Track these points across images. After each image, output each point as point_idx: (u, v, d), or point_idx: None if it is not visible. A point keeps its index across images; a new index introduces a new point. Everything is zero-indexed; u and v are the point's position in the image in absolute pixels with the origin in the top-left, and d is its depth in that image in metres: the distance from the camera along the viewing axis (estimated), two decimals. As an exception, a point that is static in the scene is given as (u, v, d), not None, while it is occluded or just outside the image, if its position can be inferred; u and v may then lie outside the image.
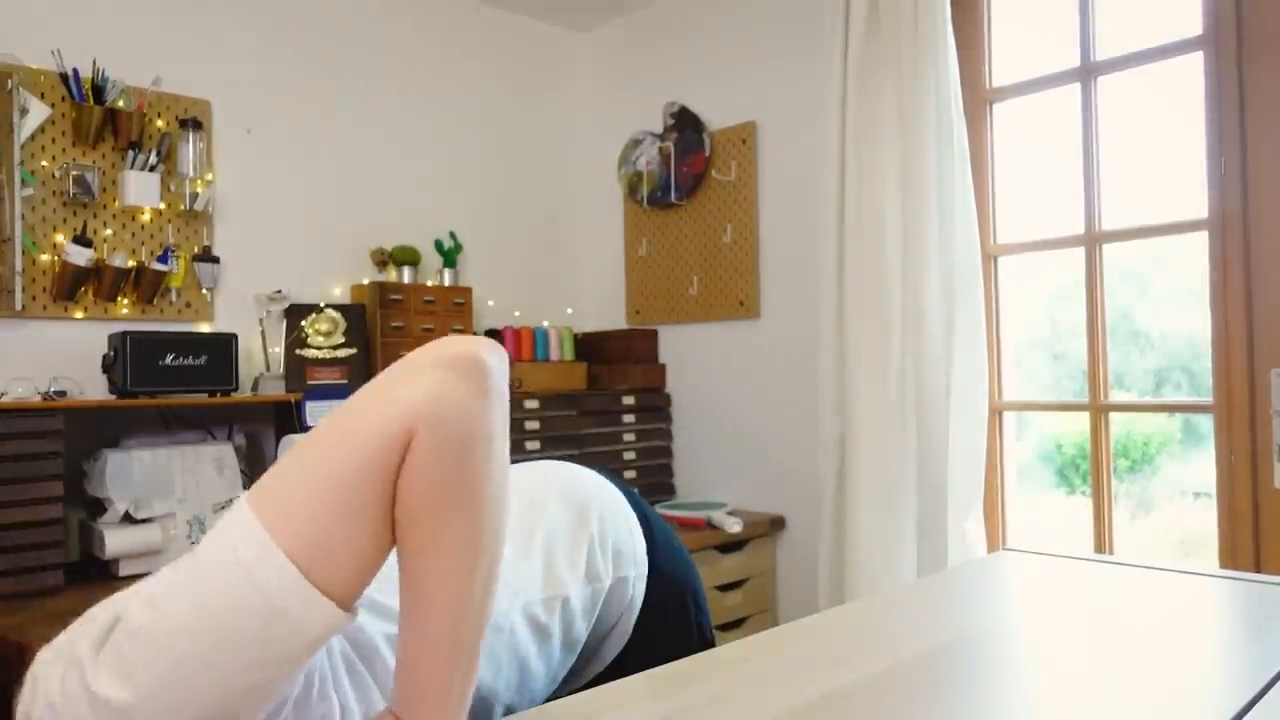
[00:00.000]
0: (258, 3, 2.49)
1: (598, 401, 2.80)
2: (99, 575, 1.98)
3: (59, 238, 2.12)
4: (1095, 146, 2.11)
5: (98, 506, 2.01)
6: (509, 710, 1.02)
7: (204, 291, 2.34)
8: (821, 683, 0.78)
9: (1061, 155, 2.18)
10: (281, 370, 2.39)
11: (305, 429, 1.97)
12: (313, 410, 1.99)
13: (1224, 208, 1.90)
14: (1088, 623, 0.97)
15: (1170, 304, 2.31)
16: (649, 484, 2.89)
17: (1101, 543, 2.09)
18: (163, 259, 2.22)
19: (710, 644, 1.24)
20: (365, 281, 2.58)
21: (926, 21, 2.14)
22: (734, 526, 2.48)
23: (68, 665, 0.72)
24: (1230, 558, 1.89)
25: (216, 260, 2.35)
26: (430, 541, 0.74)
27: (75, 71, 2.12)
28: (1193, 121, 1.95)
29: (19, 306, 2.05)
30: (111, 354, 2.07)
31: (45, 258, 2.11)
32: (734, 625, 2.56)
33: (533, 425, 2.64)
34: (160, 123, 2.28)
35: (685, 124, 2.87)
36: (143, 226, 2.25)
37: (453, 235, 2.78)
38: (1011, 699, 0.77)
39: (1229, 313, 1.90)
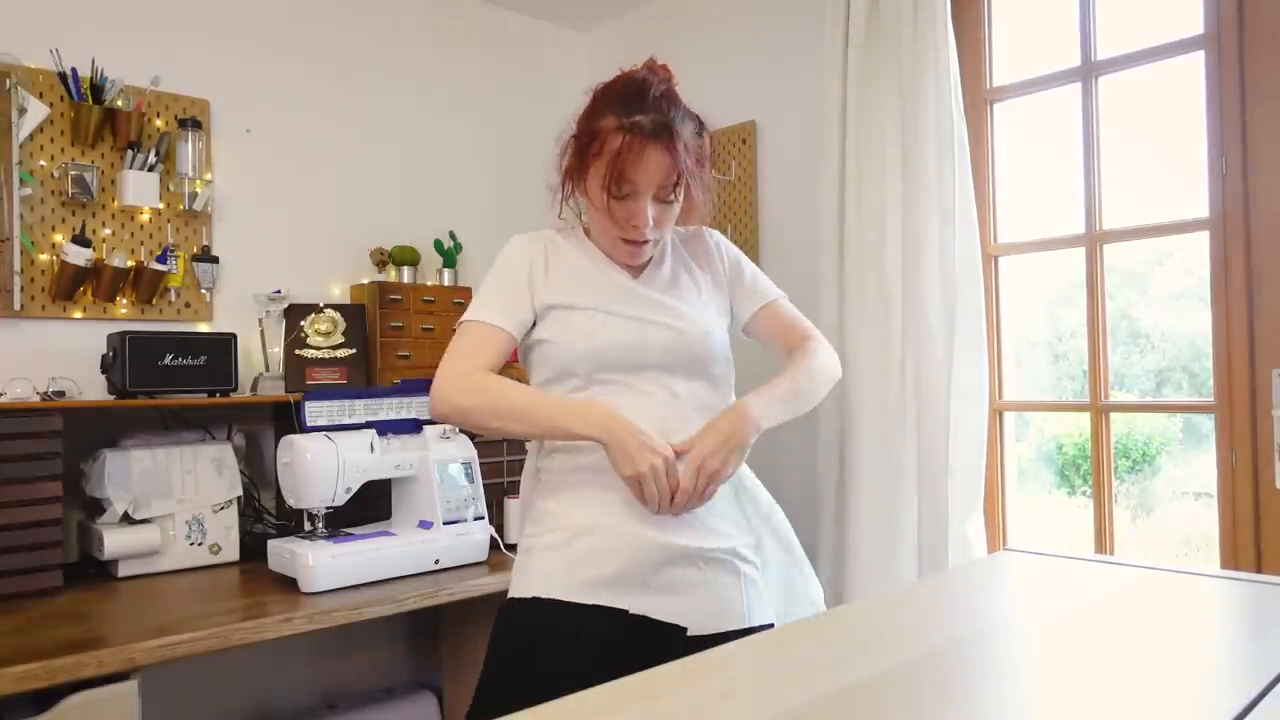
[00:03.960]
0: (257, 3, 2.49)
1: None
2: (98, 576, 1.98)
3: (57, 237, 2.12)
4: (1096, 146, 2.11)
5: (96, 507, 2.00)
6: None
7: (203, 291, 2.34)
8: (821, 683, 0.78)
9: (1062, 155, 2.18)
10: (281, 370, 2.38)
11: (305, 429, 1.96)
12: (312, 410, 1.98)
13: (1225, 207, 1.90)
14: (1088, 623, 0.97)
15: (1171, 304, 2.30)
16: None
17: (1102, 543, 2.09)
18: (162, 259, 2.22)
19: None
20: (365, 281, 2.58)
21: (926, 21, 2.14)
22: (734, 527, 2.47)
23: None
24: (1231, 558, 1.88)
25: (215, 260, 2.35)
26: None
27: (74, 71, 2.12)
28: (1194, 121, 1.95)
29: (17, 306, 2.04)
30: (110, 354, 2.06)
31: (44, 257, 2.10)
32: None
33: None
34: (159, 122, 2.28)
35: (685, 124, 2.86)
36: (141, 226, 2.25)
37: (452, 235, 2.77)
38: (1012, 699, 0.77)
39: (1230, 312, 1.89)
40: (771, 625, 1.40)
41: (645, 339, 1.36)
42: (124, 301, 2.21)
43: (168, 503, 2.02)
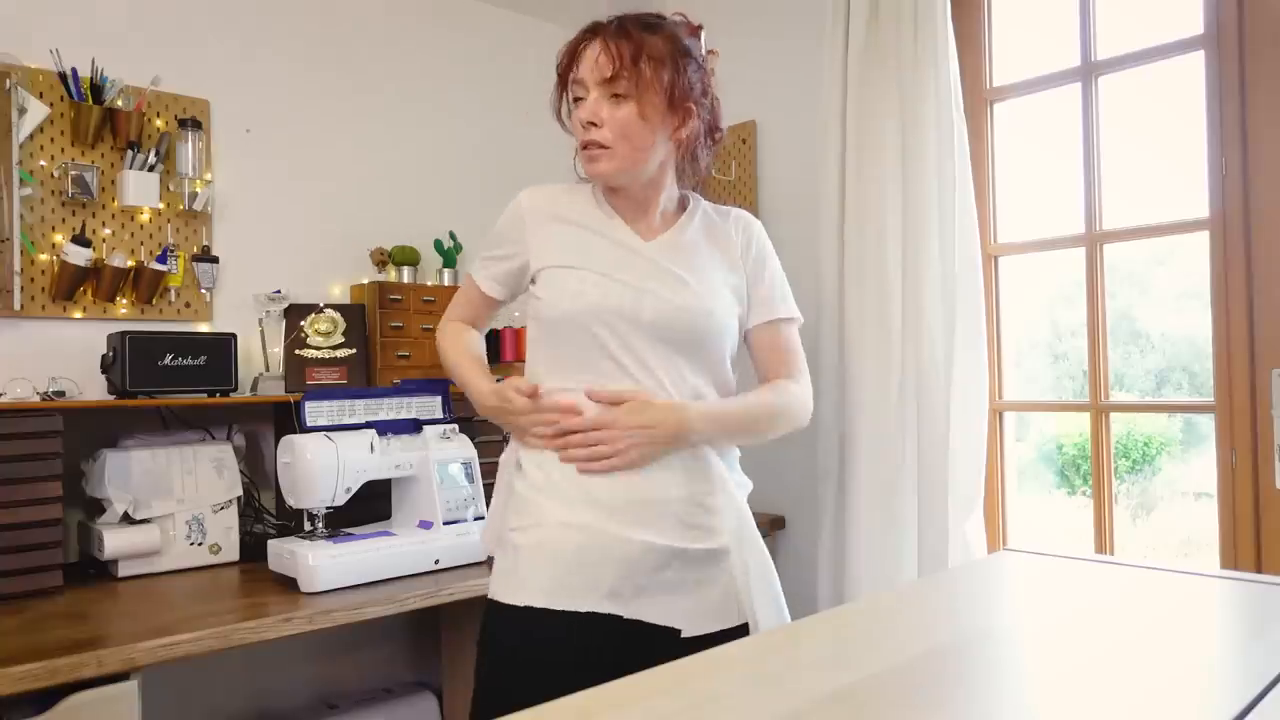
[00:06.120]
0: (257, 3, 2.49)
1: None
2: (98, 576, 1.98)
3: (57, 237, 2.12)
4: (1096, 146, 2.11)
5: (96, 507, 2.00)
6: None
7: (203, 291, 2.34)
8: (821, 683, 0.78)
9: (1062, 155, 2.18)
10: (281, 370, 2.38)
11: (305, 429, 1.96)
12: (312, 410, 1.98)
13: (1225, 207, 1.90)
14: (1088, 623, 0.97)
15: (1171, 304, 2.30)
16: (649, 484, 2.87)
17: (1102, 543, 2.09)
18: (161, 259, 2.22)
19: None
20: (365, 281, 2.58)
21: (926, 21, 2.14)
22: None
23: None
24: (1231, 558, 1.88)
25: (215, 260, 2.35)
26: None
27: (74, 71, 2.12)
28: (1194, 121, 1.95)
29: (17, 306, 2.04)
30: (110, 354, 2.06)
31: (44, 257, 2.10)
32: (734, 626, 2.55)
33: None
34: (159, 122, 2.28)
35: (685, 124, 2.86)
36: (141, 226, 2.25)
37: (452, 235, 2.77)
38: (1011, 699, 0.77)
39: (1230, 313, 1.89)
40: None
41: (639, 306, 1.32)
42: (124, 301, 2.21)
43: (168, 503, 2.02)
